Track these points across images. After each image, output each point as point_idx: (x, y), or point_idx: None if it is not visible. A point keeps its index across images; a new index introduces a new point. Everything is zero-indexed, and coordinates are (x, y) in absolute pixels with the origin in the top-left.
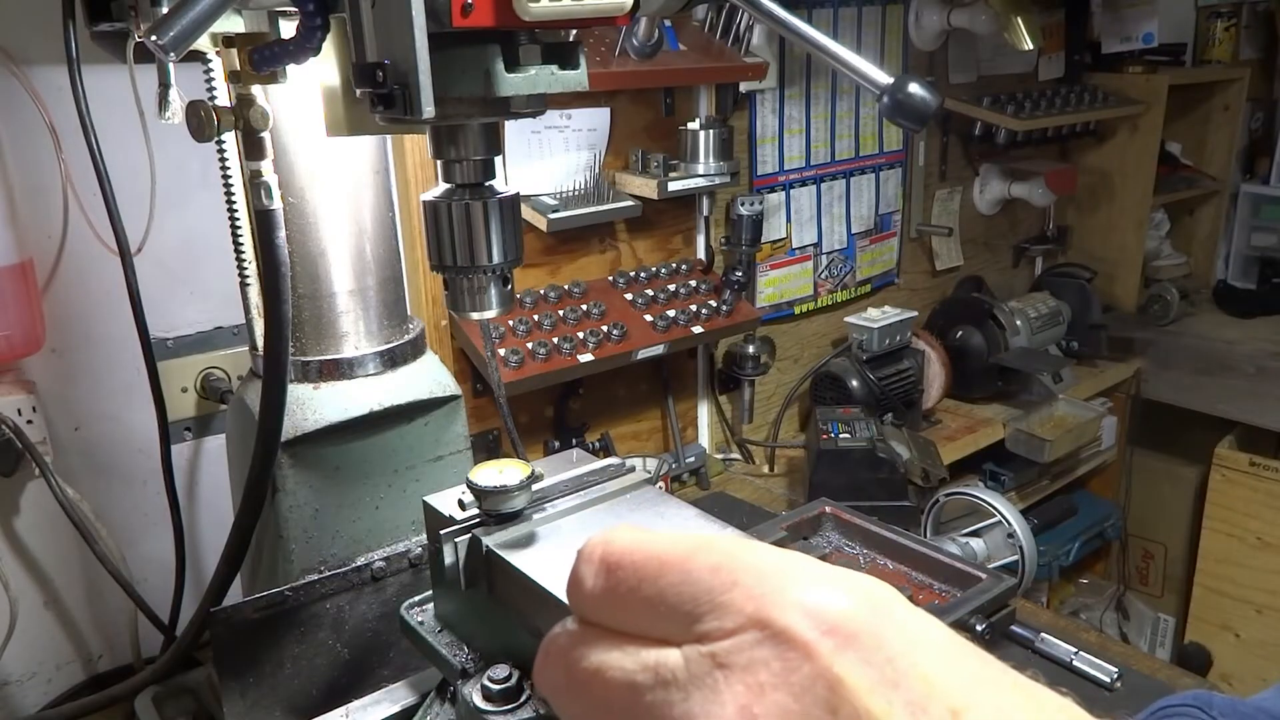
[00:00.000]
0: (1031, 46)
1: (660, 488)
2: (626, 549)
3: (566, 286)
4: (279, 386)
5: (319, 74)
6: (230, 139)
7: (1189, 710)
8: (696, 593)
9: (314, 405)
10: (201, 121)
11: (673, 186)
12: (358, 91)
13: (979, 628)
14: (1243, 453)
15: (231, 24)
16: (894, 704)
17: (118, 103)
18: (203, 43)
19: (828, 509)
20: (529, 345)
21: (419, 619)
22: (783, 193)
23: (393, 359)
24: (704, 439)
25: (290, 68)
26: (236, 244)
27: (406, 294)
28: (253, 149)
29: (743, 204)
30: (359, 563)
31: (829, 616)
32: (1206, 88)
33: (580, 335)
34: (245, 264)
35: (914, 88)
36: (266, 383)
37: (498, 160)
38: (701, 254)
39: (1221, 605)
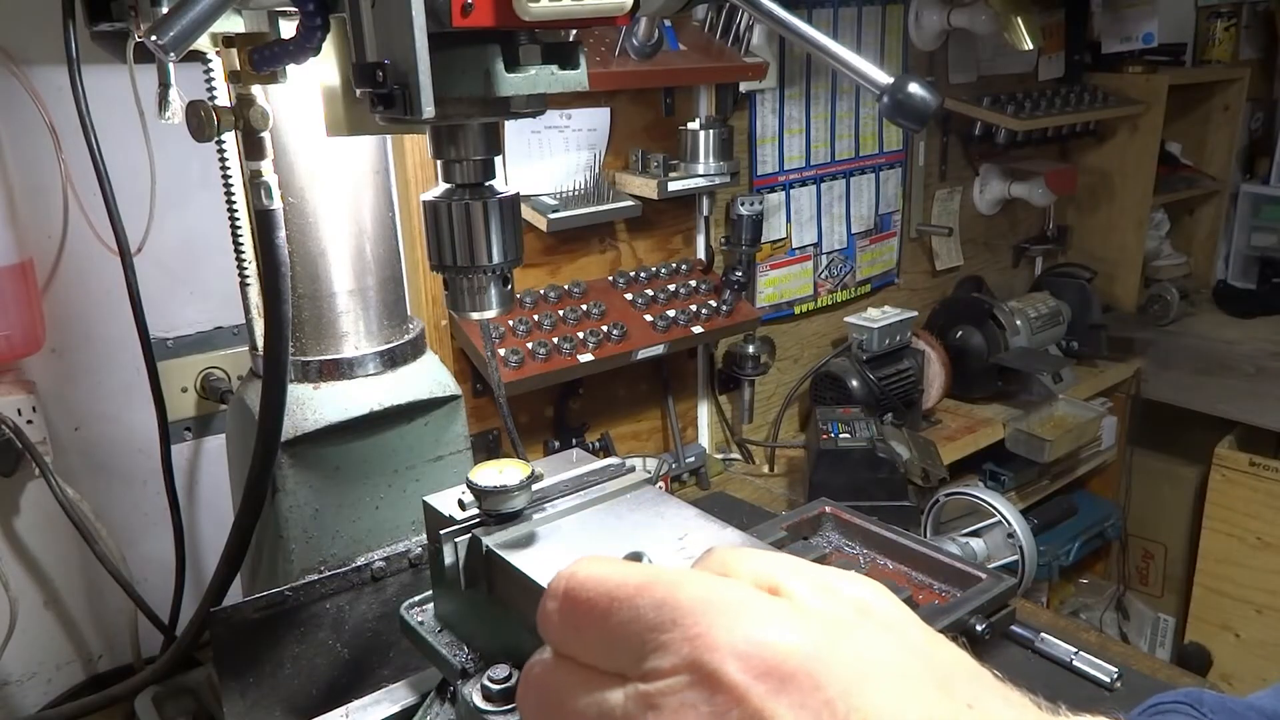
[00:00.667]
0: (1031, 46)
1: (660, 488)
2: (583, 585)
3: (566, 286)
4: (279, 386)
5: (319, 74)
6: (230, 139)
7: (1180, 707)
8: (641, 631)
9: (314, 405)
10: (201, 121)
11: (673, 186)
12: (358, 91)
13: (979, 628)
14: (1243, 453)
15: (231, 24)
16: None
17: (118, 103)
18: (203, 43)
19: (828, 509)
20: (529, 345)
21: (419, 619)
22: (783, 193)
23: (393, 359)
24: (704, 439)
25: (290, 68)
26: (236, 244)
27: (406, 294)
28: (253, 149)
29: (743, 204)
30: (359, 563)
31: (764, 658)
32: (1206, 88)
33: (580, 335)
34: (245, 264)
35: (914, 88)
36: (266, 383)
37: (498, 160)
38: (701, 254)
39: (1221, 605)
